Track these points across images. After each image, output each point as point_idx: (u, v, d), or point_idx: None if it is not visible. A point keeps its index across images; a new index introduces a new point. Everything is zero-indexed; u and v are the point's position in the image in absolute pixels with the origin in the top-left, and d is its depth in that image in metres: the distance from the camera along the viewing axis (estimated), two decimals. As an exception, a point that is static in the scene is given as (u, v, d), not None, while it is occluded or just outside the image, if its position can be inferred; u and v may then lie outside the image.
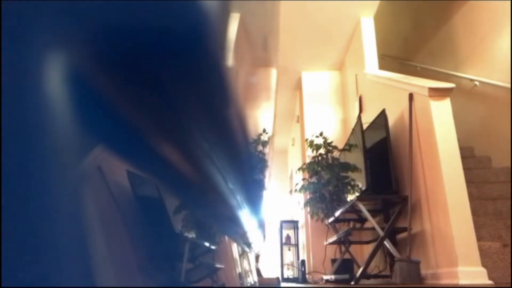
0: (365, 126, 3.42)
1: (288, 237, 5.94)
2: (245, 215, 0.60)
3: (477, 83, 4.00)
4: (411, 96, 2.93)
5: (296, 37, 4.86)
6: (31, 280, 0.15)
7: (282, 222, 6.01)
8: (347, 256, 3.86)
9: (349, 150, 3.75)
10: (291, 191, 5.43)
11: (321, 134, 4.53)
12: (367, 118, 3.57)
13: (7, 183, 0.15)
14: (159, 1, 0.19)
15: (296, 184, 4.84)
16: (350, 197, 3.44)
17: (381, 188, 3.04)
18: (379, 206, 3.24)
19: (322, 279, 4.23)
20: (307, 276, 4.72)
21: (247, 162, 0.46)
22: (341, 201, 3.88)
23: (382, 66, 4.45)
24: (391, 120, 3.21)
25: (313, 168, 4.35)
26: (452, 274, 2.29)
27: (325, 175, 4.21)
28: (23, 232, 0.15)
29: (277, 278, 4.59)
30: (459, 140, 2.57)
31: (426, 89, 2.71)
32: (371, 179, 3.07)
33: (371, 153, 3.24)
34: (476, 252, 2.29)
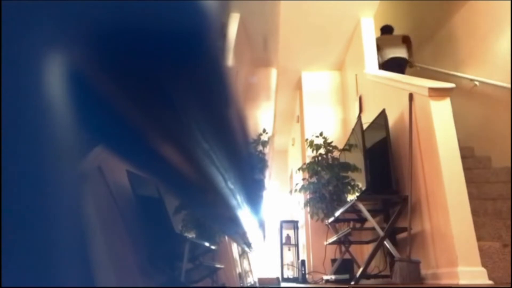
0: (365, 126, 3.42)
1: (288, 237, 5.94)
2: (245, 215, 0.60)
3: (477, 83, 4.00)
4: (411, 96, 2.93)
5: (296, 37, 4.86)
6: (31, 280, 0.15)
7: (282, 222, 6.00)
8: (347, 256, 3.86)
9: (349, 150, 3.75)
10: (291, 191, 5.43)
11: (321, 134, 4.53)
12: (367, 118, 3.57)
13: (8, 183, 0.15)
14: (159, 2, 0.19)
15: (296, 184, 4.84)
16: (350, 197, 3.44)
17: (381, 188, 3.04)
18: (379, 206, 3.24)
19: (322, 279, 4.23)
20: (307, 276, 4.72)
21: (247, 162, 0.46)
22: (341, 201, 3.88)
23: (382, 66, 4.44)
24: (391, 120, 3.21)
25: (313, 168, 4.35)
26: (452, 274, 2.29)
27: (325, 175, 4.21)
28: (23, 232, 0.15)
29: (277, 278, 4.59)
30: (459, 140, 2.57)
31: (426, 89, 2.71)
32: (371, 179, 3.07)
33: (371, 153, 3.23)
34: (476, 252, 2.29)
